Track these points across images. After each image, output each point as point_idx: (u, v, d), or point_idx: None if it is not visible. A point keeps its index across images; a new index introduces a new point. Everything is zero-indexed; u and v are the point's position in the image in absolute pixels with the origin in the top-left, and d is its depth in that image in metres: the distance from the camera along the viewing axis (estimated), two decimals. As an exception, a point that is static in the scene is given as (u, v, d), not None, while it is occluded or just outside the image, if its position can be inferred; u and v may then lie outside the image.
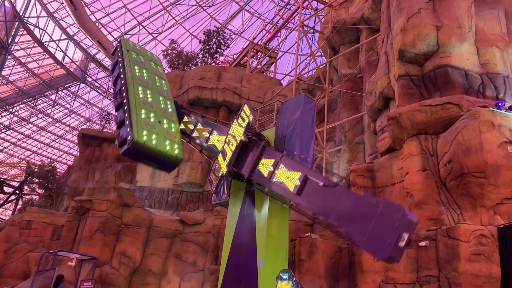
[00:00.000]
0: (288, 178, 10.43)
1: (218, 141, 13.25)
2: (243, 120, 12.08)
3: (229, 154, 12.11)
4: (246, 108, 12.28)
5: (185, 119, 15.00)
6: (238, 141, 11.86)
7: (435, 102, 13.53)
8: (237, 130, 12.07)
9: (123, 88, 14.03)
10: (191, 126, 14.64)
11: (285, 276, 5.96)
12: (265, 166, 11.23)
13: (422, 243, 11.36)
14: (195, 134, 14.52)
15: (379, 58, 18.96)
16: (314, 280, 12.31)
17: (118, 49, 15.82)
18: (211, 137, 13.72)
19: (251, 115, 11.85)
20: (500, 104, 12.66)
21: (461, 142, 12.30)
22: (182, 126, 14.72)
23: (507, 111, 12.62)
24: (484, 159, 11.82)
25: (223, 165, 12.29)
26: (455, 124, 12.94)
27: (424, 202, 12.65)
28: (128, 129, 12.74)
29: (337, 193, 9.08)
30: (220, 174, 12.44)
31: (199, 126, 14.39)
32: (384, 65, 17.06)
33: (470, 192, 11.98)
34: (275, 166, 10.92)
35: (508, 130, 12.34)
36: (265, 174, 11.17)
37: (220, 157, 12.57)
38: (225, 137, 12.67)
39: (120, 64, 15.04)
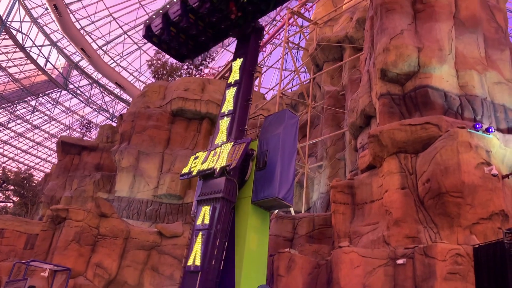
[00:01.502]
0: (195, 254, 10.59)
1: (221, 132, 12.79)
2: (231, 156, 11.40)
3: (205, 165, 11.95)
4: (241, 147, 11.39)
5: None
6: (214, 167, 11.53)
7: (415, 122, 13.77)
8: (223, 156, 11.63)
9: None
10: (235, 76, 14.64)
11: (262, 292, 5.93)
12: (205, 215, 11.11)
13: (400, 261, 11.42)
14: (227, 92, 14.31)
15: (361, 77, 19.26)
16: (292, 296, 12.23)
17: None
18: (223, 120, 13.15)
19: (236, 160, 11.11)
20: (477, 125, 12.95)
21: (440, 162, 12.50)
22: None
23: (484, 133, 12.92)
24: (462, 179, 12.03)
25: (197, 166, 12.17)
26: (434, 144, 13.17)
27: (402, 220, 12.77)
28: None
29: None
30: (191, 171, 12.28)
31: (232, 91, 14.04)
32: (366, 84, 17.32)
33: (447, 212, 12.15)
34: (203, 228, 10.91)
35: (484, 151, 12.62)
36: (199, 221, 11.14)
37: (202, 157, 12.44)
38: (220, 144, 12.33)
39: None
